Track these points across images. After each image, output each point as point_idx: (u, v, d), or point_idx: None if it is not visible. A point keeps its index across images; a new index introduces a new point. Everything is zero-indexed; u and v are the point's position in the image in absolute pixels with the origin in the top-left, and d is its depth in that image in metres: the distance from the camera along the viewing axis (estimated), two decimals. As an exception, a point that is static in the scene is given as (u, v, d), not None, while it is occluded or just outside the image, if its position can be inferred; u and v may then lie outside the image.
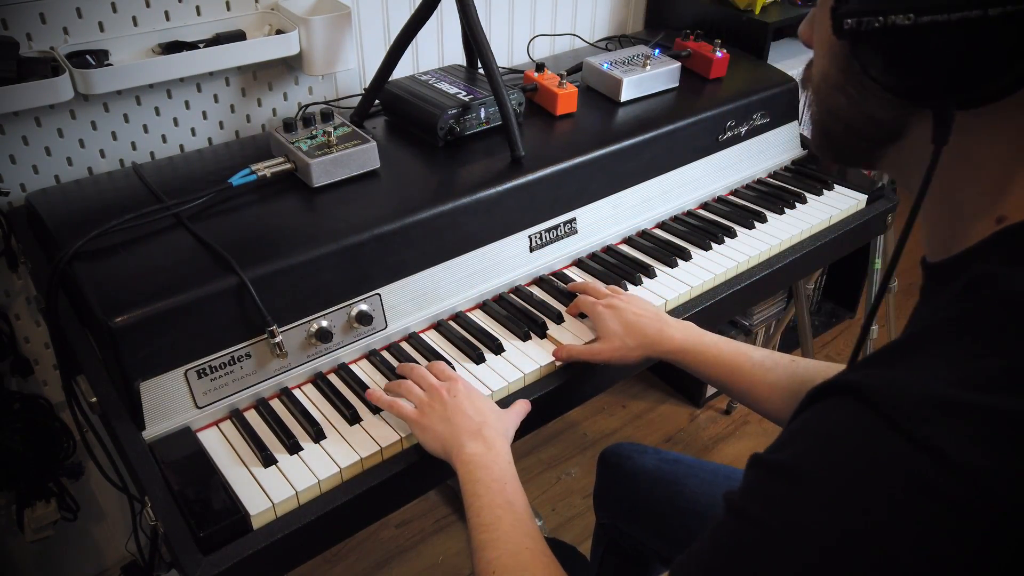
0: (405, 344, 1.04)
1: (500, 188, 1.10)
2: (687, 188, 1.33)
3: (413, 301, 1.05)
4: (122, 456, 0.91)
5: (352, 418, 0.92)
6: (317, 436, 0.89)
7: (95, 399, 0.89)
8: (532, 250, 1.15)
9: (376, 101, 1.25)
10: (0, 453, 1.19)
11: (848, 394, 0.46)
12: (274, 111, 1.36)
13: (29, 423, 1.24)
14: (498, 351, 1.02)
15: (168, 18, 1.19)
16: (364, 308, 1.00)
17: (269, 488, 0.83)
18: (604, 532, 1.19)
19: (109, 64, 1.12)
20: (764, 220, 1.31)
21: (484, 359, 1.01)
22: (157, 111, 1.23)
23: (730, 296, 1.18)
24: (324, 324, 0.96)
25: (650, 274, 1.17)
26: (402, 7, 1.40)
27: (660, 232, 1.28)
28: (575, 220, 1.19)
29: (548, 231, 1.16)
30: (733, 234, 1.27)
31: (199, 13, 1.21)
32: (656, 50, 1.42)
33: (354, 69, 1.41)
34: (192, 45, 1.18)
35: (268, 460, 0.86)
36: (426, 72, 1.27)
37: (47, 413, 1.27)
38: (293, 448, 0.88)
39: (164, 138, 1.26)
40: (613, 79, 1.33)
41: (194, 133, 1.28)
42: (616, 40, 1.65)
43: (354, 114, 1.24)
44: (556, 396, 1.01)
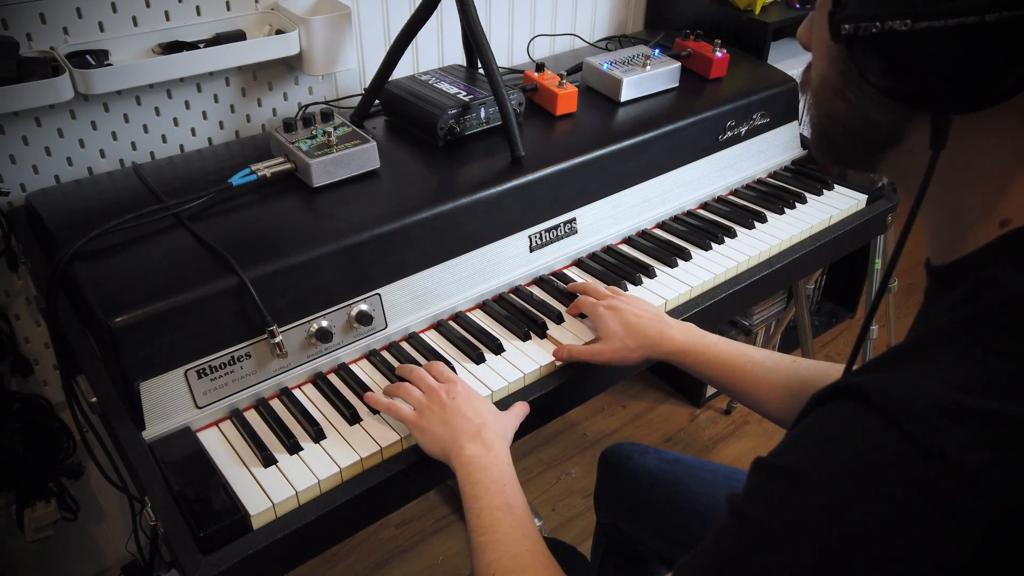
0: (405, 344, 1.04)
1: (500, 188, 1.10)
2: (687, 188, 1.33)
3: (413, 301, 1.05)
4: (122, 456, 0.91)
5: (352, 418, 0.92)
6: (317, 436, 0.89)
7: (95, 399, 0.89)
8: (532, 250, 1.15)
9: (376, 101, 1.25)
10: (0, 453, 1.19)
11: (853, 398, 0.46)
12: (274, 111, 1.36)
13: (29, 423, 1.24)
14: (498, 351, 1.02)
15: (168, 18, 1.19)
16: (364, 308, 1.00)
17: (269, 488, 0.83)
18: (604, 532, 1.19)
19: (109, 64, 1.12)
20: (764, 220, 1.31)
21: (484, 359, 1.01)
22: (157, 111, 1.23)
23: (730, 296, 1.18)
24: (324, 324, 0.96)
25: (650, 274, 1.17)
26: (402, 7, 1.40)
27: (660, 232, 1.28)
28: (575, 220, 1.19)
29: (548, 231, 1.16)
30: (733, 234, 1.27)
31: (199, 13, 1.21)
32: (656, 50, 1.42)
33: (354, 69, 1.41)
34: (192, 45, 1.18)
35: (268, 460, 0.86)
36: (426, 72, 1.27)
37: (47, 413, 1.27)
38: (293, 448, 0.88)
39: (164, 138, 1.26)
40: (613, 79, 1.33)
41: (194, 133, 1.28)
42: (616, 40, 1.65)
43: (354, 114, 1.24)
44: (556, 396, 1.01)
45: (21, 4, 1.06)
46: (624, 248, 1.24)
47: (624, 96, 1.33)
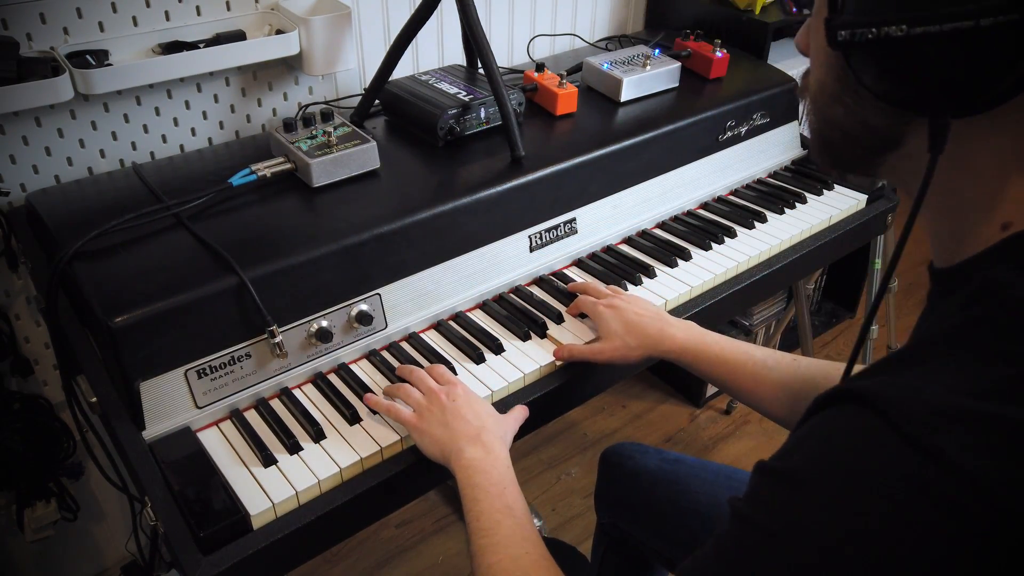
0: (405, 344, 1.04)
1: (500, 188, 1.10)
2: (687, 188, 1.33)
3: (413, 301, 1.05)
4: (122, 456, 0.91)
5: (352, 418, 0.92)
6: (317, 436, 0.89)
7: (95, 399, 0.89)
8: (532, 250, 1.15)
9: (376, 101, 1.25)
10: (0, 453, 1.19)
11: (854, 401, 0.46)
12: (274, 111, 1.36)
13: (29, 423, 1.24)
14: (498, 351, 1.02)
15: (168, 18, 1.19)
16: (364, 308, 1.00)
17: (269, 488, 0.83)
18: (605, 532, 1.19)
19: (109, 64, 1.12)
20: (764, 220, 1.31)
21: (484, 359, 1.01)
22: (157, 111, 1.23)
23: (730, 296, 1.18)
24: (324, 324, 0.96)
25: (650, 274, 1.17)
26: (402, 7, 1.40)
27: (660, 232, 1.28)
28: (575, 220, 1.19)
29: (548, 231, 1.16)
30: (733, 234, 1.27)
31: (199, 13, 1.21)
32: (656, 50, 1.42)
33: (354, 69, 1.41)
34: (192, 45, 1.18)
35: (268, 460, 0.86)
36: (426, 72, 1.27)
37: (47, 413, 1.27)
38: (293, 448, 0.88)
39: (164, 138, 1.26)
40: (613, 79, 1.33)
41: (194, 133, 1.28)
42: (616, 40, 1.65)
43: (354, 114, 1.24)
44: (556, 396, 1.01)
45: (21, 4, 1.06)
46: (624, 248, 1.24)
47: (624, 96, 1.33)
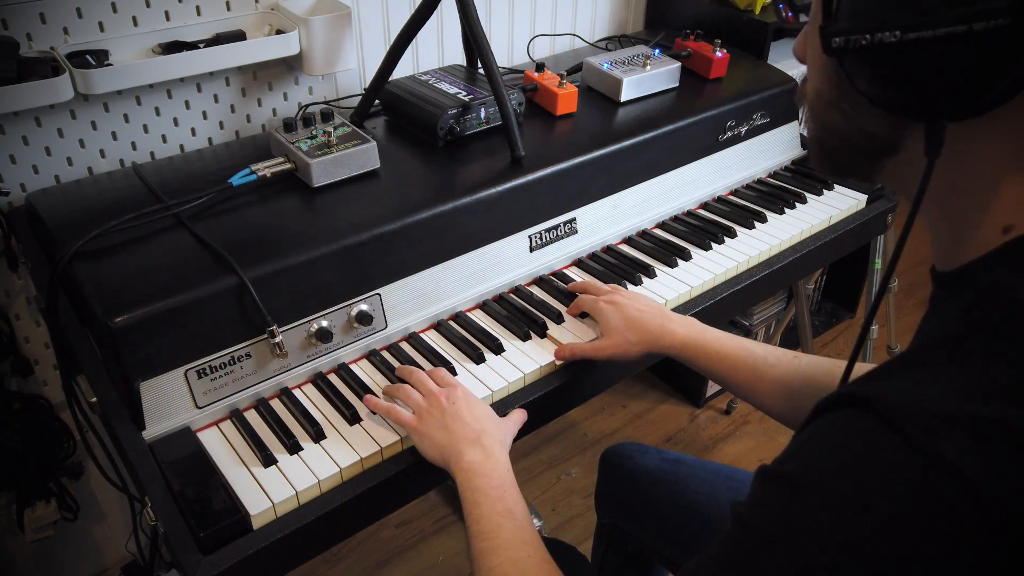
0: (405, 344, 1.04)
1: (500, 188, 1.10)
2: (687, 188, 1.33)
3: (413, 301, 1.05)
4: (122, 456, 0.91)
5: (352, 418, 0.92)
6: (317, 436, 0.89)
7: (95, 399, 0.89)
8: (532, 250, 1.15)
9: (376, 101, 1.25)
10: (0, 453, 1.19)
11: (858, 406, 0.46)
12: (274, 111, 1.36)
13: (29, 423, 1.24)
14: (498, 351, 1.02)
15: (168, 18, 1.19)
16: (364, 308, 1.00)
17: (269, 488, 0.83)
18: (605, 532, 1.19)
19: (109, 64, 1.12)
20: (764, 220, 1.31)
21: (484, 359, 1.01)
22: (157, 111, 1.23)
23: (730, 296, 1.18)
24: (324, 324, 0.96)
25: (650, 274, 1.17)
26: (402, 7, 1.40)
27: (660, 232, 1.28)
28: (575, 220, 1.19)
29: (548, 231, 1.16)
30: (733, 234, 1.27)
31: (199, 13, 1.21)
32: (656, 50, 1.42)
33: (354, 69, 1.41)
34: (192, 45, 1.18)
35: (268, 460, 0.86)
36: (426, 72, 1.27)
37: (47, 413, 1.27)
38: (293, 448, 0.88)
39: (164, 138, 1.26)
40: (613, 79, 1.33)
41: (194, 133, 1.28)
42: (616, 40, 1.65)
43: (354, 114, 1.24)
44: (556, 396, 1.01)
45: (21, 4, 1.06)
46: (624, 248, 1.24)
47: (624, 96, 1.33)
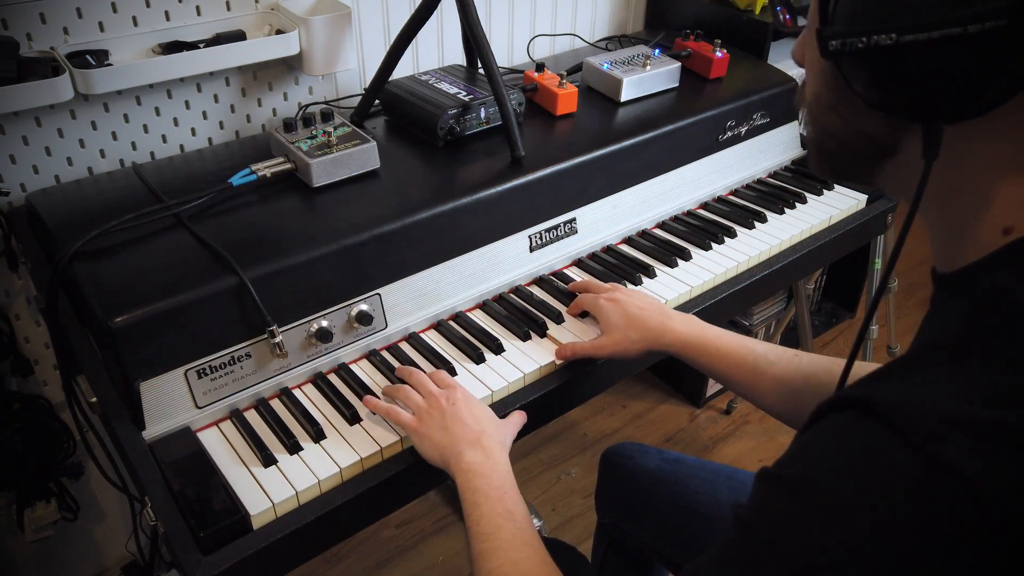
0: (405, 344, 1.04)
1: (500, 188, 1.10)
2: (687, 188, 1.33)
3: (413, 301, 1.05)
4: (122, 456, 0.91)
5: (352, 418, 0.92)
6: (317, 436, 0.89)
7: (95, 399, 0.89)
8: (532, 250, 1.15)
9: (376, 101, 1.25)
10: (0, 453, 1.19)
11: (859, 408, 0.46)
12: (274, 111, 1.36)
13: (29, 423, 1.24)
14: (498, 351, 1.02)
15: (168, 18, 1.19)
16: (364, 308, 1.00)
17: (269, 488, 0.83)
18: (605, 532, 1.19)
19: (109, 64, 1.12)
20: (764, 220, 1.31)
21: (484, 359, 1.01)
22: (157, 111, 1.23)
23: (730, 296, 1.18)
24: (324, 324, 0.96)
25: (650, 274, 1.17)
26: (402, 7, 1.40)
27: (660, 232, 1.28)
28: (575, 220, 1.19)
29: (548, 231, 1.16)
30: (733, 234, 1.27)
31: (199, 13, 1.21)
32: (656, 50, 1.42)
33: (354, 69, 1.41)
34: (192, 45, 1.18)
35: (268, 460, 0.86)
36: (426, 72, 1.27)
37: (47, 413, 1.27)
38: (293, 448, 0.88)
39: (164, 138, 1.26)
40: (613, 79, 1.33)
41: (194, 133, 1.28)
42: (616, 40, 1.65)
43: (354, 114, 1.24)
44: (556, 396, 1.01)
45: (21, 4, 1.06)
46: (624, 248, 1.24)
47: (624, 96, 1.33)
